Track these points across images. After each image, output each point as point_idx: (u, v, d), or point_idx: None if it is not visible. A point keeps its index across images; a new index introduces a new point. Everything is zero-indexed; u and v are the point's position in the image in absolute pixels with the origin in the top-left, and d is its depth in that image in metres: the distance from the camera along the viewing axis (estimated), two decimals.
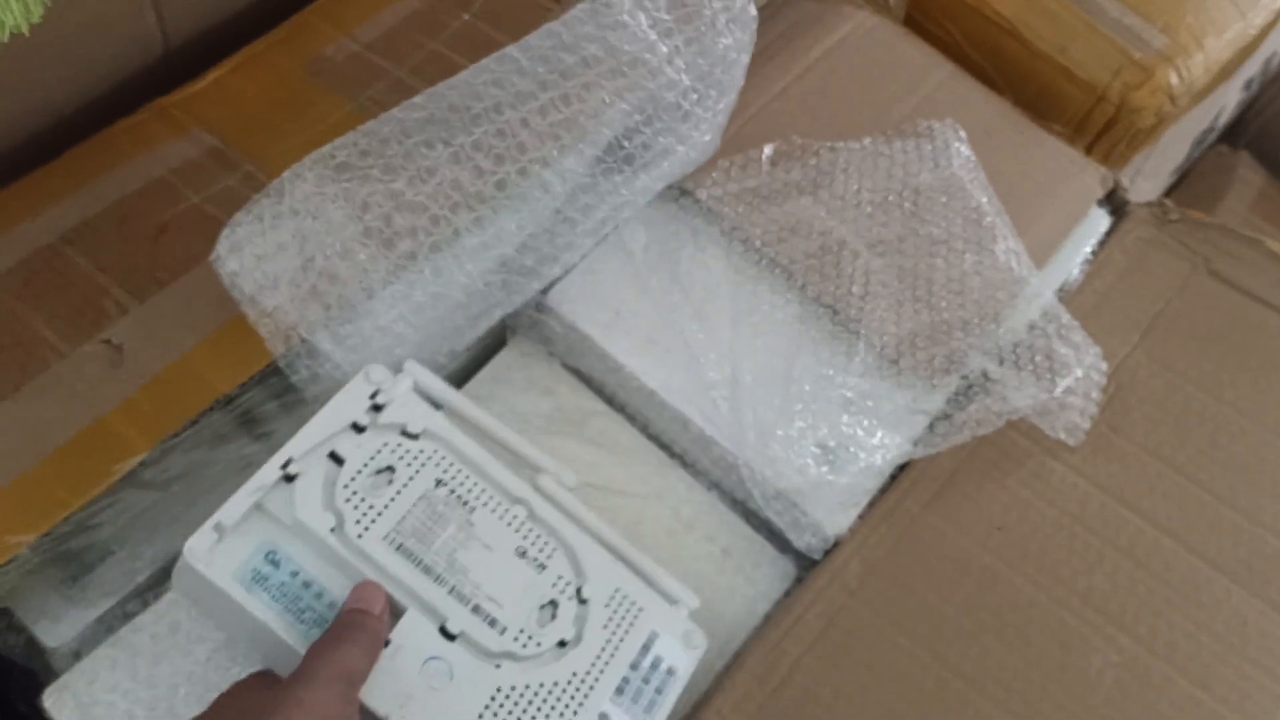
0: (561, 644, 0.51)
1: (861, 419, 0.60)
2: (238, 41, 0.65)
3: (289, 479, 0.49)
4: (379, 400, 0.52)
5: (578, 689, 0.50)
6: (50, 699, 0.50)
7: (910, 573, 0.58)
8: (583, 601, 0.53)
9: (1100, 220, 0.72)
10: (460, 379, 0.63)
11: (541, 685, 0.50)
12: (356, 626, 0.44)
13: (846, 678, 0.55)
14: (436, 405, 0.54)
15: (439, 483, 0.52)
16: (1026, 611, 0.57)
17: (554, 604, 0.52)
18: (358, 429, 0.51)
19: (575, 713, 0.50)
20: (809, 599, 0.57)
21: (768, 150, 0.67)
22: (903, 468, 0.62)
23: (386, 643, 0.47)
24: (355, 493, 0.50)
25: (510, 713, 0.48)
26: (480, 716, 0.48)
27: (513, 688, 0.49)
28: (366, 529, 0.49)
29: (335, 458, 0.50)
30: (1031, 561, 0.59)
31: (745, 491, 0.60)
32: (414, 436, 0.52)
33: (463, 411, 0.55)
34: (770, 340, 0.62)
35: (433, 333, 0.54)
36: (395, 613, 0.48)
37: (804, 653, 0.56)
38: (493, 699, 0.48)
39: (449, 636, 0.49)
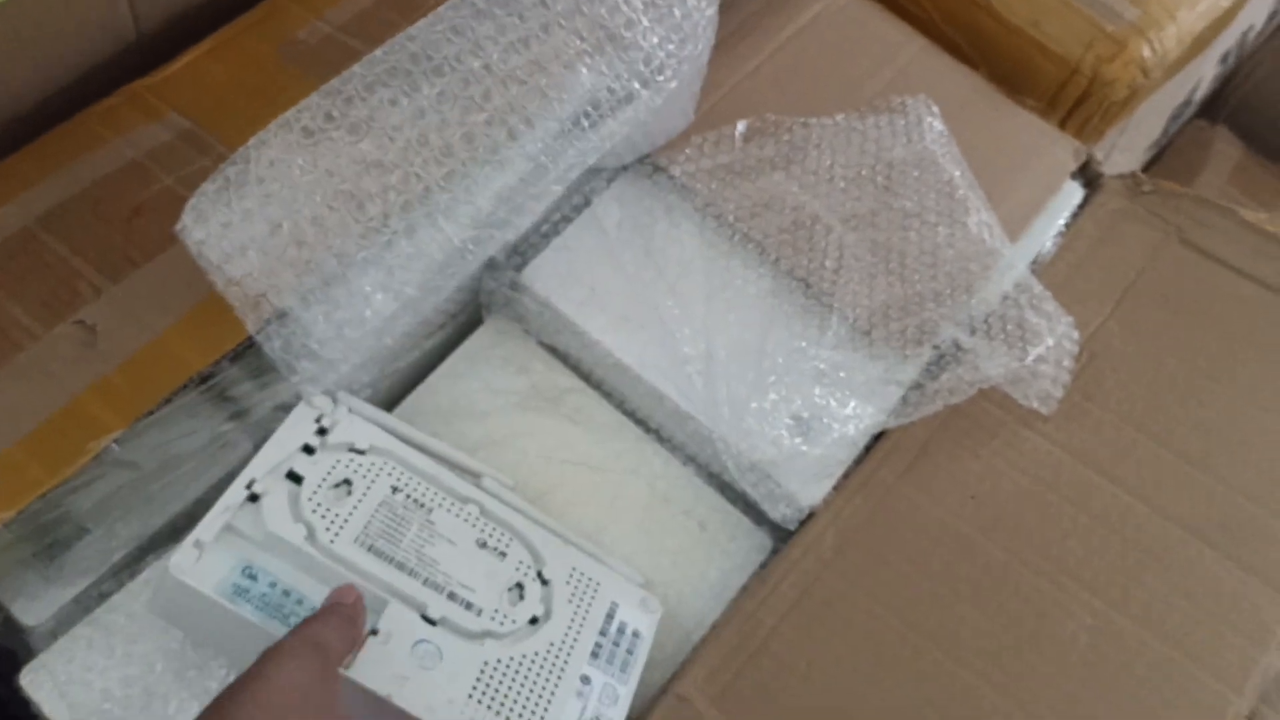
0: (534, 620, 0.54)
1: (834, 390, 0.60)
2: (209, 25, 0.66)
3: (254, 499, 0.50)
4: (324, 424, 0.54)
5: (557, 657, 0.53)
6: (27, 678, 0.50)
7: (885, 542, 0.58)
8: (545, 582, 0.56)
9: (1074, 193, 0.72)
10: (435, 359, 0.64)
11: (524, 657, 0.52)
12: (329, 610, 0.45)
13: (821, 646, 0.55)
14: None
15: (395, 489, 0.54)
16: (1001, 578, 0.58)
17: (520, 586, 0.55)
18: (309, 450, 0.53)
19: (560, 678, 0.52)
20: (784, 569, 0.58)
21: (741, 127, 0.67)
22: (877, 438, 0.62)
23: (375, 632, 0.49)
24: (320, 504, 0.51)
25: (500, 683, 0.51)
26: (474, 688, 0.50)
27: (499, 661, 0.51)
28: (337, 534, 0.51)
29: (294, 476, 0.52)
30: (1005, 529, 0.59)
31: (720, 464, 0.60)
32: (362, 452, 0.54)
33: (398, 430, 0.57)
34: (743, 315, 0.63)
35: (410, 298, 0.54)
36: (377, 609, 0.50)
37: (779, 622, 0.56)
38: (482, 672, 0.51)
39: (431, 622, 0.51)
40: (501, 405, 0.62)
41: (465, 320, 0.65)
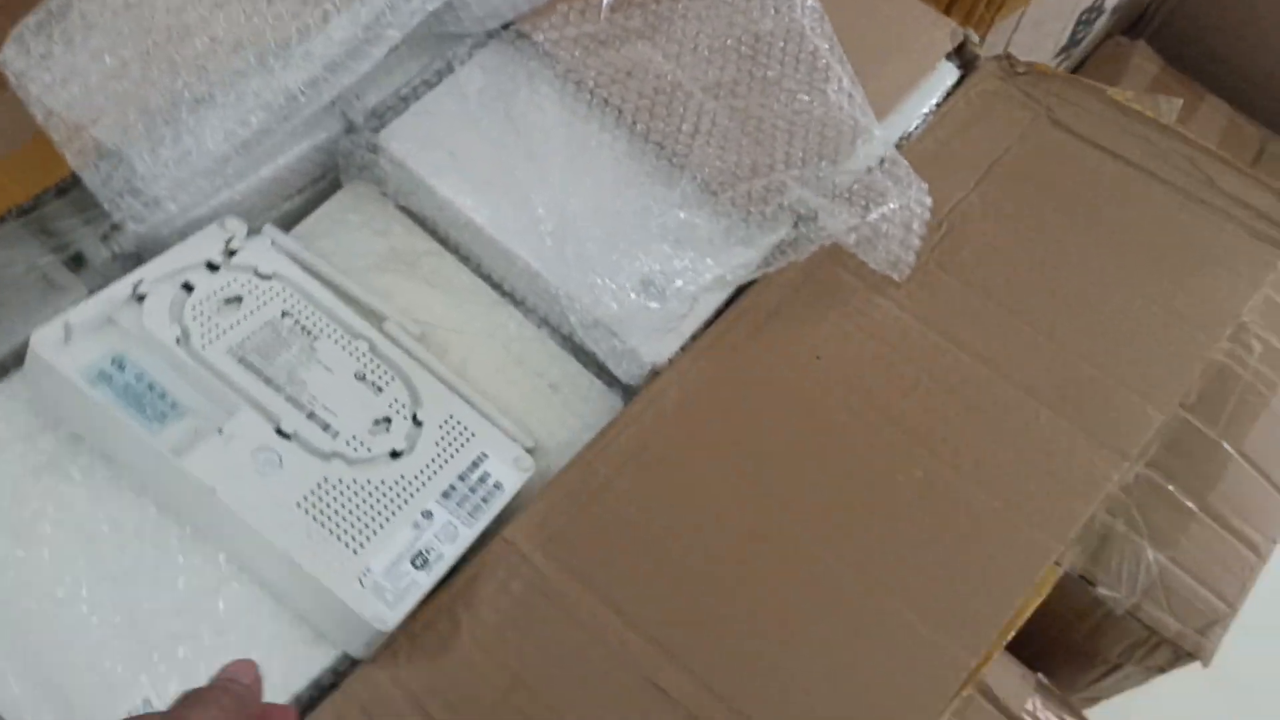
0: (395, 455, 0.55)
1: (682, 250, 0.61)
2: None
3: (139, 298, 0.52)
4: (232, 246, 0.56)
5: (404, 489, 0.54)
6: None
7: (727, 399, 0.59)
8: (418, 424, 0.57)
9: (948, 74, 0.72)
10: (294, 221, 0.64)
11: (369, 482, 0.53)
12: (220, 688, 0.42)
13: (654, 496, 0.56)
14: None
15: (285, 314, 0.56)
16: (839, 434, 0.58)
17: (388, 420, 0.56)
18: (211, 267, 0.55)
19: (400, 507, 0.53)
20: (624, 423, 0.58)
21: None
22: (730, 303, 0.62)
23: (220, 431, 0.50)
24: (203, 313, 0.53)
25: (335, 499, 0.52)
26: (305, 499, 0.51)
27: (340, 480, 0.53)
28: (211, 342, 0.53)
29: (187, 286, 0.54)
30: (847, 387, 0.60)
31: (569, 324, 0.60)
32: (265, 277, 0.57)
33: (316, 266, 0.59)
34: (598, 177, 0.63)
35: (244, 140, 0.54)
36: (230, 412, 0.52)
37: (614, 473, 0.57)
38: (318, 486, 0.52)
39: (284, 435, 0.52)
40: (360, 267, 0.63)
41: (326, 186, 0.65)
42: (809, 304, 0.62)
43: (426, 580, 0.51)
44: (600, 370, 0.62)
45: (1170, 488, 0.87)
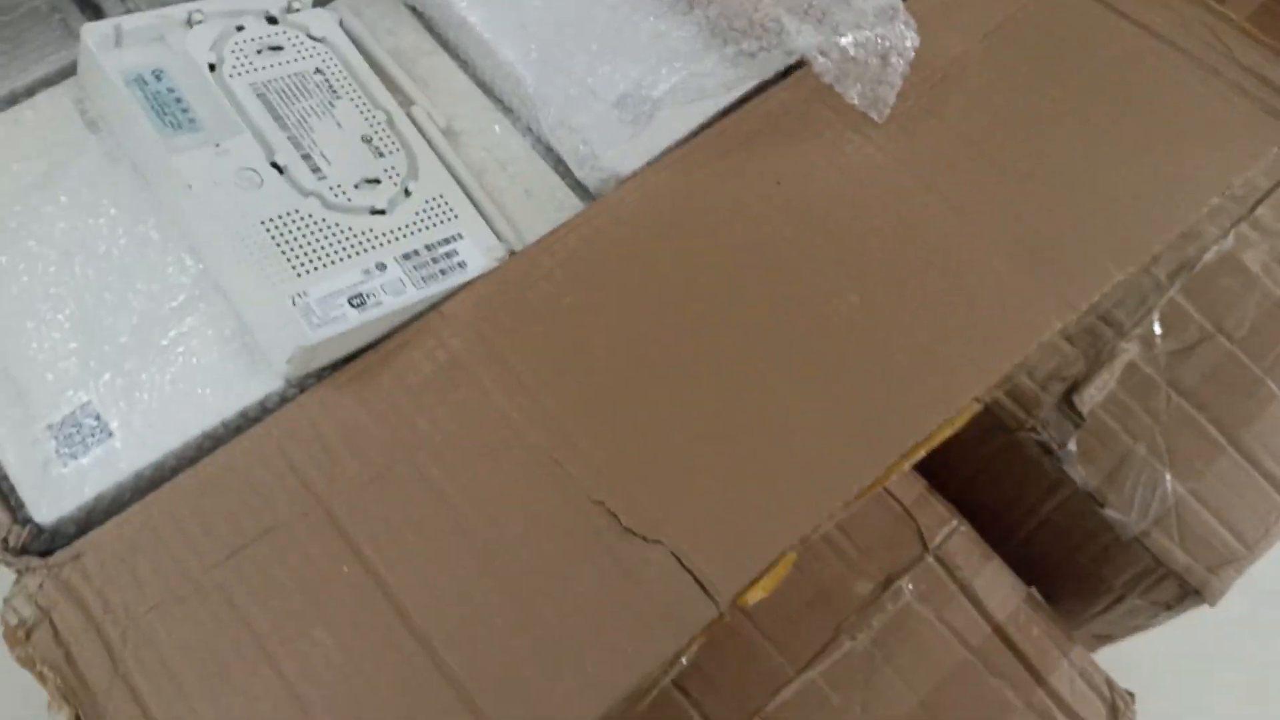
0: (374, 212, 0.59)
1: (658, 62, 0.62)
2: None
3: (191, 24, 0.59)
4: (295, 5, 0.62)
5: (369, 241, 0.58)
6: None
7: (680, 213, 0.60)
8: (407, 194, 0.60)
9: None
10: None
11: (338, 225, 0.57)
12: None
13: (588, 293, 0.58)
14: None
15: (318, 70, 0.62)
16: (783, 256, 0.59)
17: (378, 181, 0.60)
18: (270, 20, 0.61)
19: (357, 253, 0.57)
20: (577, 222, 0.60)
21: None
22: (707, 128, 0.63)
23: (218, 144, 0.56)
24: (243, 51, 0.60)
25: (298, 229, 0.56)
26: (271, 220, 0.55)
27: (310, 215, 0.57)
28: (239, 75, 0.59)
29: (239, 27, 0.60)
30: (802, 215, 0.60)
31: (543, 127, 0.62)
32: (315, 39, 0.62)
33: (367, 44, 0.64)
34: None
35: None
36: (233, 134, 0.57)
37: (556, 266, 0.59)
38: (288, 214, 0.56)
39: (275, 167, 0.57)
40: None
41: None
42: (783, 135, 0.62)
43: (356, 318, 0.55)
44: (577, 184, 0.64)
45: (1201, 418, 0.83)
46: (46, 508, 0.51)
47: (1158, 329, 0.87)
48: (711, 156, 0.62)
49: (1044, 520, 0.87)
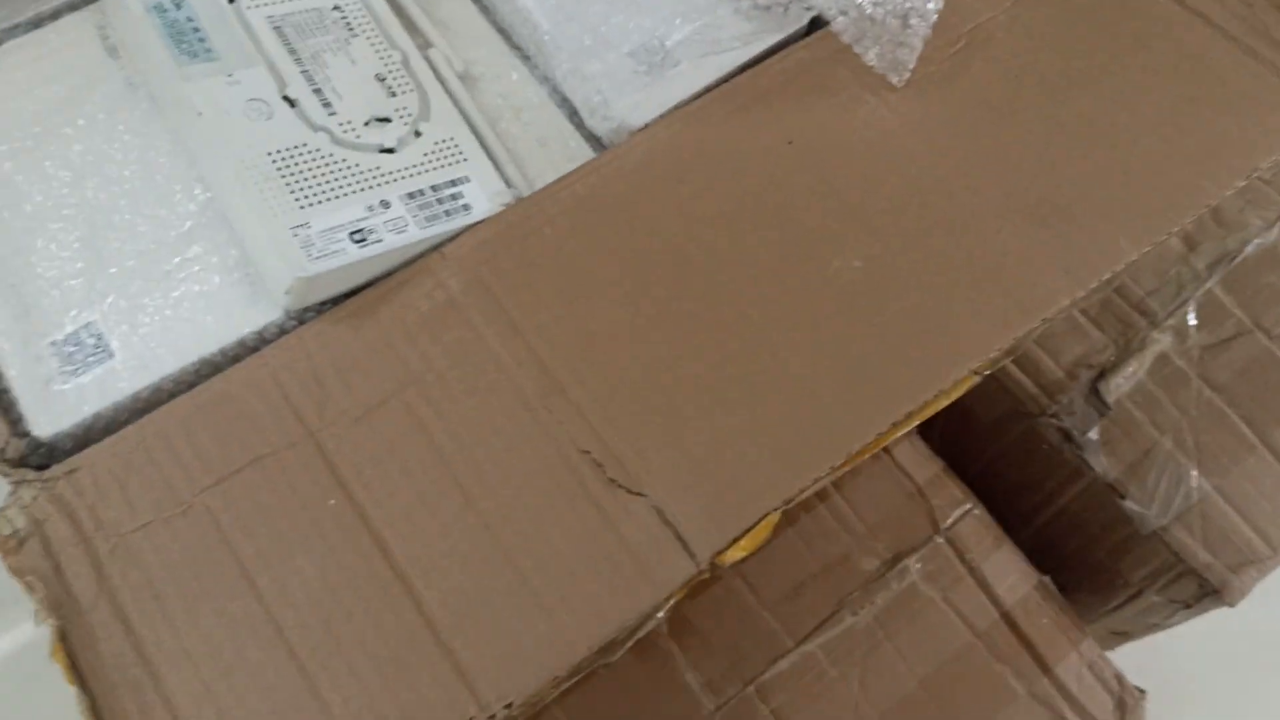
0: (382, 151, 0.59)
1: (681, 15, 0.61)
2: None
3: None
4: None
5: (375, 178, 0.58)
6: None
7: (688, 166, 0.60)
8: (417, 134, 0.60)
9: None
10: None
11: (345, 161, 0.58)
12: None
13: (591, 240, 0.57)
14: None
15: (336, 7, 0.62)
16: (789, 215, 0.58)
17: (388, 120, 0.60)
18: None
19: (362, 189, 0.57)
20: (584, 171, 0.60)
21: None
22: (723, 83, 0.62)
23: (231, 74, 0.57)
24: None
25: (304, 162, 0.56)
26: (278, 151, 0.56)
27: (318, 149, 0.57)
28: (257, 7, 0.59)
29: None
30: (811, 174, 0.59)
31: (557, 76, 0.62)
32: None
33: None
34: None
35: None
36: (250, 66, 0.57)
37: (559, 212, 0.59)
38: (295, 147, 0.56)
39: (288, 101, 0.57)
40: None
41: None
42: (799, 94, 0.61)
43: (356, 253, 0.55)
44: (591, 134, 0.64)
45: (1232, 414, 0.81)
46: (45, 422, 0.52)
47: (1193, 321, 0.84)
48: (724, 112, 0.61)
49: (1062, 509, 0.85)
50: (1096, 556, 0.85)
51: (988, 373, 0.53)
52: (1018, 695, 0.75)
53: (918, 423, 0.52)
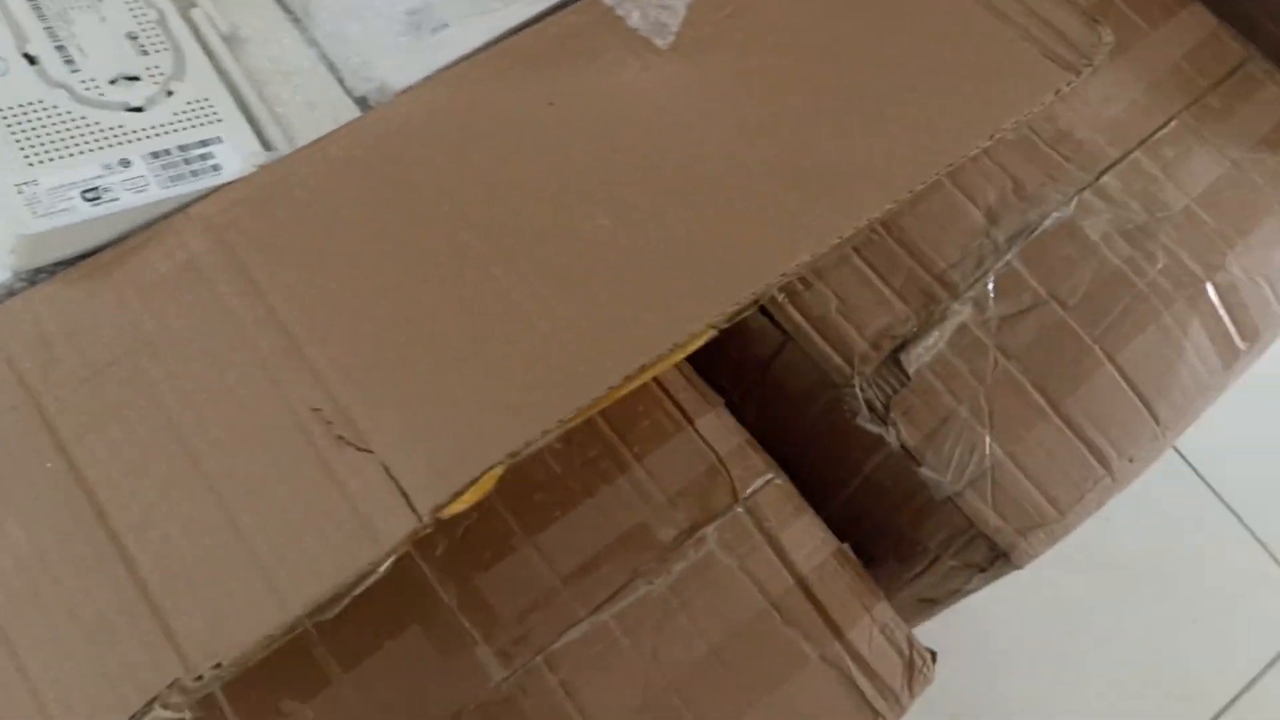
0: (128, 109, 0.57)
1: None
2: None
3: None
4: None
5: (116, 136, 0.56)
6: None
7: (448, 128, 0.59)
8: (169, 94, 0.59)
9: None
10: None
11: (84, 118, 0.56)
12: None
13: (342, 202, 0.57)
14: None
15: None
16: (543, 179, 0.58)
17: (137, 79, 0.58)
18: None
19: (100, 148, 0.55)
20: (341, 132, 0.59)
21: None
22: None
23: None
24: None
25: (39, 120, 0.54)
26: (10, 109, 0.54)
27: (55, 106, 0.55)
28: None
29: None
30: (569, 135, 0.59)
31: (317, 37, 0.61)
32: None
33: None
34: None
35: None
36: None
37: (311, 174, 0.58)
38: (30, 104, 0.55)
39: (28, 59, 0.55)
40: None
41: None
42: (563, 57, 0.61)
43: (88, 211, 0.53)
44: (362, 99, 0.63)
45: (1026, 383, 0.83)
46: None
47: (991, 292, 0.86)
48: (487, 75, 0.61)
49: (866, 479, 0.86)
50: (898, 525, 0.86)
51: (725, 326, 0.53)
52: (809, 659, 0.76)
53: (651, 376, 0.52)
